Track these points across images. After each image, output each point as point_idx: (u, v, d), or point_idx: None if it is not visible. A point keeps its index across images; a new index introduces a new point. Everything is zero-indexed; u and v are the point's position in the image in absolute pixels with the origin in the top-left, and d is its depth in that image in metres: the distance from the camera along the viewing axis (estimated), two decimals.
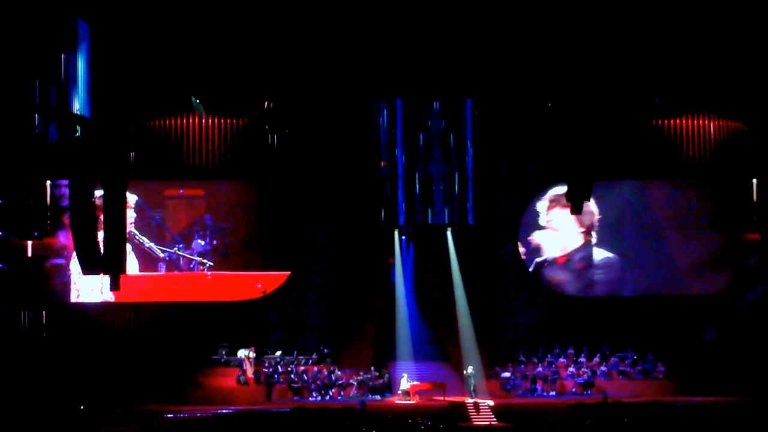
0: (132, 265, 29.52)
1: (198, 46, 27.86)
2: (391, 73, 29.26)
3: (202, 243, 30.36)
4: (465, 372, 28.81)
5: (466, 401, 27.58)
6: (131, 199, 29.37)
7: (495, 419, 26.52)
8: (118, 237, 24.14)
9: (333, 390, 29.31)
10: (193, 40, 27.63)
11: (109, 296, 29.17)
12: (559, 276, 31.25)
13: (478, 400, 27.68)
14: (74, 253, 28.52)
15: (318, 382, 29.37)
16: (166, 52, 27.81)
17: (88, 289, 29.63)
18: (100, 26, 23.06)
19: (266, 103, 30.06)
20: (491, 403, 27.49)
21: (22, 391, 27.71)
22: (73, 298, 29.65)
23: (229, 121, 30.34)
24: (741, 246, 30.98)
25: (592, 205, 30.89)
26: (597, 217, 31.22)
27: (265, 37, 28.01)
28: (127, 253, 28.61)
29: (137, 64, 27.39)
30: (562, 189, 30.31)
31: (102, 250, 23.83)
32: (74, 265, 29.04)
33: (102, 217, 23.99)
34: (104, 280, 28.10)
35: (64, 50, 21.46)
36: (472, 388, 28.47)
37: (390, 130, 30.63)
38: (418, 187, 30.51)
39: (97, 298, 29.70)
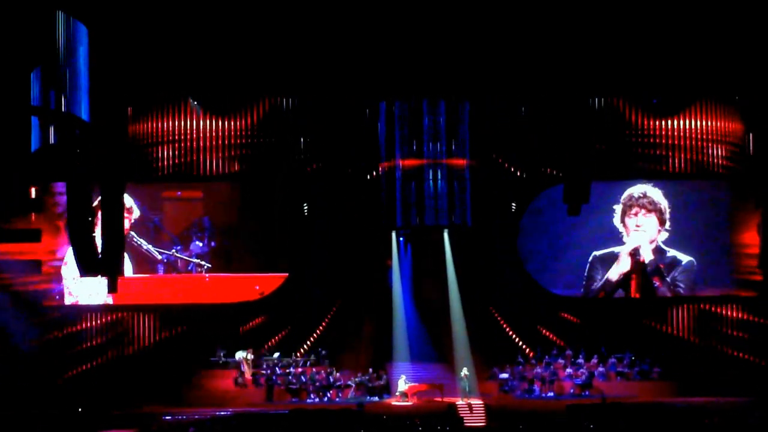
0: (127, 268, 29.48)
1: (197, 47, 27.88)
2: (390, 74, 29.30)
3: (200, 245, 30.37)
4: (460, 374, 28.86)
5: (458, 402, 27.63)
6: (130, 204, 29.40)
7: (488, 420, 26.56)
8: (115, 239, 24.20)
9: (331, 391, 29.33)
10: (192, 41, 27.65)
11: (107, 298, 29.15)
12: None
13: (472, 402, 27.72)
14: (67, 255, 28.80)
15: (316, 384, 29.38)
16: (165, 53, 27.82)
17: (83, 291, 29.57)
18: (98, 29, 23.06)
19: None
20: (483, 404, 27.53)
21: (21, 391, 27.76)
22: (68, 301, 29.58)
23: (228, 121, 30.32)
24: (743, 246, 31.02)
25: (661, 198, 30.90)
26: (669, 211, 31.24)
27: (264, 38, 28.04)
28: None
29: (135, 67, 27.39)
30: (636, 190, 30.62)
31: (99, 253, 23.92)
32: (68, 267, 29.02)
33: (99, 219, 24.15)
34: (101, 282, 28.10)
35: (62, 53, 21.47)
36: (467, 389, 28.50)
37: (389, 131, 30.61)
38: (415, 188, 30.50)
39: (94, 301, 29.66)
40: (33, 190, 27.86)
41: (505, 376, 30.06)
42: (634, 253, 30.81)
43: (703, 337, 30.92)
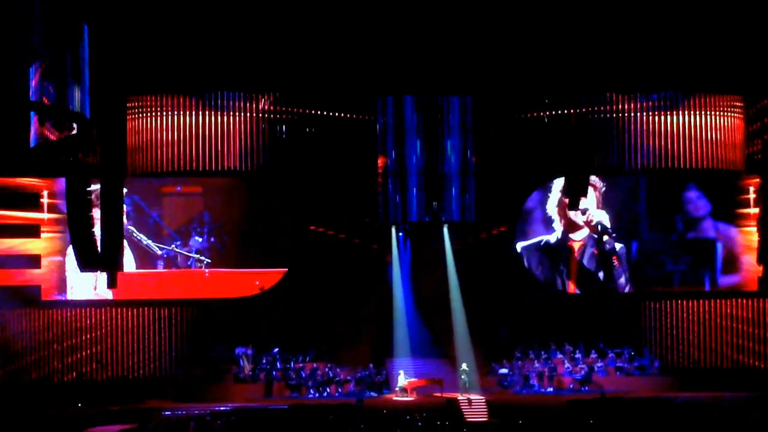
0: (129, 263, 29.56)
1: (198, 43, 27.87)
2: (390, 70, 29.30)
3: (200, 240, 30.35)
4: (460, 369, 28.90)
5: (458, 398, 27.67)
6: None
7: (489, 415, 26.56)
8: (115, 234, 24.23)
9: (331, 387, 29.34)
10: (192, 36, 27.64)
11: (107, 294, 29.14)
12: None
13: (472, 397, 27.75)
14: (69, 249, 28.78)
15: (316, 379, 29.39)
16: (165, 50, 27.82)
17: (82, 286, 29.57)
18: (98, 24, 23.06)
19: None
20: (483, 399, 27.57)
21: (21, 390, 27.77)
22: (70, 296, 29.59)
23: (227, 116, 30.29)
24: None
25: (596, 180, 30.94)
26: None
27: (264, 34, 28.04)
28: (125, 250, 28.80)
29: (135, 62, 27.40)
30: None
31: (99, 248, 23.93)
32: (69, 262, 29.01)
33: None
34: (101, 277, 28.10)
35: (62, 48, 21.44)
36: (466, 384, 28.53)
37: (389, 127, 30.60)
38: (415, 183, 30.49)
39: (93, 296, 29.65)
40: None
41: (504, 371, 30.09)
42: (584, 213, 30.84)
43: (703, 332, 30.89)
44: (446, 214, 30.72)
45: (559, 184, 30.88)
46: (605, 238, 30.83)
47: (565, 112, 30.68)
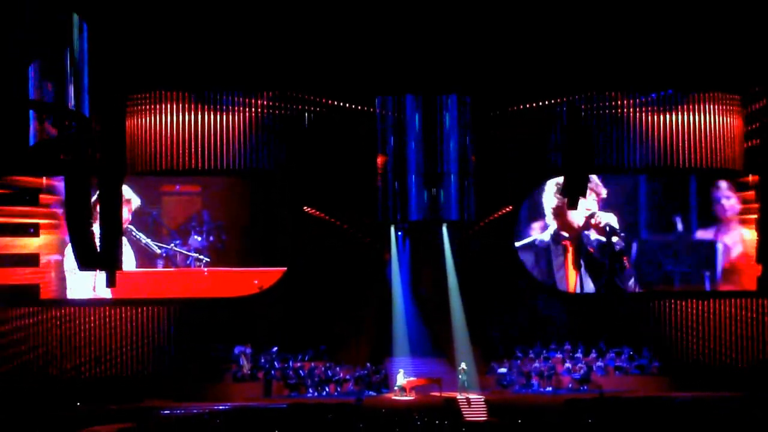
0: (129, 262, 29.59)
1: (197, 40, 27.86)
2: (390, 70, 29.30)
3: (199, 239, 30.35)
4: (458, 368, 28.89)
5: (457, 397, 27.66)
6: (129, 196, 29.50)
7: (488, 415, 26.56)
8: (114, 233, 24.19)
9: (330, 386, 29.33)
10: (191, 34, 27.63)
11: (106, 293, 29.12)
12: None
13: (470, 396, 27.74)
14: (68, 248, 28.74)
15: (315, 379, 29.37)
16: (164, 48, 27.80)
17: (81, 285, 29.57)
18: (97, 22, 23.02)
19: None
20: (482, 398, 27.56)
21: (19, 389, 27.75)
22: (70, 295, 29.60)
23: (227, 116, 30.26)
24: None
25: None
26: None
27: (264, 32, 28.03)
28: (125, 248, 28.82)
29: (134, 61, 27.38)
30: None
31: (98, 247, 23.89)
32: (69, 261, 29.00)
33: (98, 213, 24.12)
34: (100, 276, 28.09)
35: (61, 46, 21.40)
36: (465, 384, 28.52)
37: (388, 125, 30.57)
38: (415, 182, 30.47)
39: (91, 295, 29.65)
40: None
41: (503, 370, 30.07)
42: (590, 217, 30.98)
43: (703, 332, 30.90)
44: (445, 208, 30.61)
45: (552, 182, 30.97)
46: (614, 239, 30.89)
47: (564, 109, 30.64)
